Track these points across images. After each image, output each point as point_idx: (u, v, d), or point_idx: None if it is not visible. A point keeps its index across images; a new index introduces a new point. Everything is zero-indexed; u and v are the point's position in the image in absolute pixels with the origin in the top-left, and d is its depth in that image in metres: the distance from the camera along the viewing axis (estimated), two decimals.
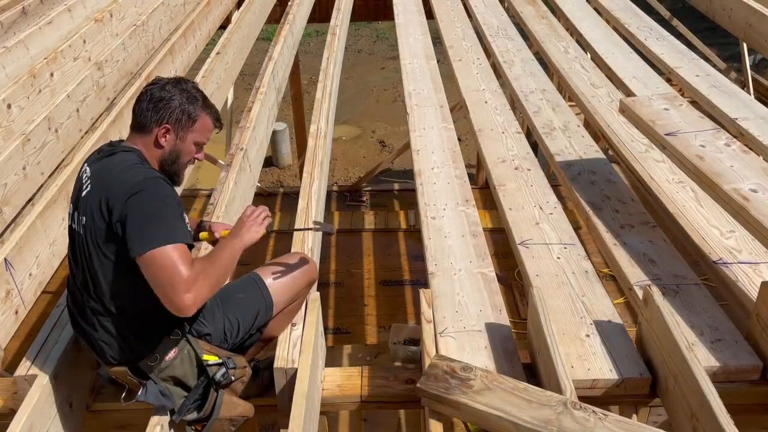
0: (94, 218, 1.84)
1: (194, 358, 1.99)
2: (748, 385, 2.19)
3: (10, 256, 2.51)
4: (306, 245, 2.70)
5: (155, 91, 1.94)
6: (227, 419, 2.04)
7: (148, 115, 1.93)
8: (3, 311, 2.45)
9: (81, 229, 1.88)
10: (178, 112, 1.93)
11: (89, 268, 1.90)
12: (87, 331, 2.01)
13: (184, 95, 1.95)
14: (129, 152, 1.94)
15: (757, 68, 8.74)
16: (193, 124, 1.97)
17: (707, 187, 2.55)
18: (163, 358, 1.94)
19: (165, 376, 1.97)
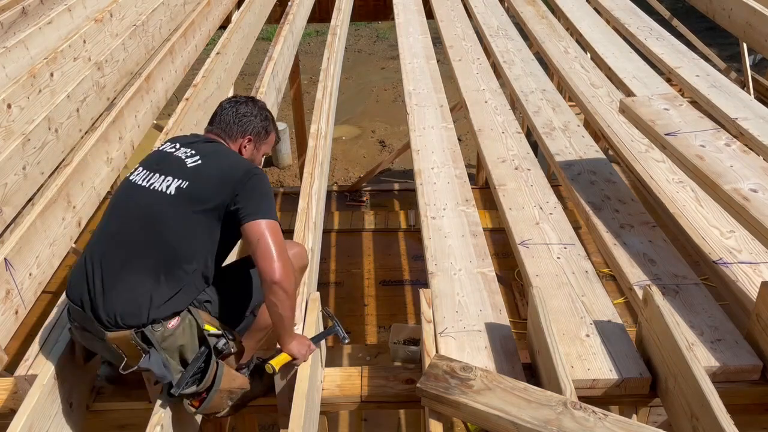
0: (200, 185, 2.04)
1: (195, 328, 2.01)
2: (748, 385, 2.19)
3: (10, 256, 2.51)
4: (306, 245, 2.70)
5: (240, 107, 2.27)
6: (226, 391, 2.06)
7: (234, 127, 2.24)
8: (3, 311, 2.45)
9: (170, 190, 2.04)
10: (259, 127, 2.27)
11: (159, 224, 2.00)
12: (102, 290, 1.98)
13: (262, 113, 2.30)
14: (230, 148, 2.23)
15: (757, 68, 8.74)
16: (267, 138, 2.32)
17: (707, 187, 2.55)
18: (166, 326, 1.97)
19: (166, 346, 1.97)
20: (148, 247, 2.00)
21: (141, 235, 2.01)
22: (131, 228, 2.03)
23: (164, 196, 2.04)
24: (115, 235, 2.06)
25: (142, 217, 2.04)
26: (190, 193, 2.03)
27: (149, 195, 2.05)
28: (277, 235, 1.99)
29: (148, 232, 2.01)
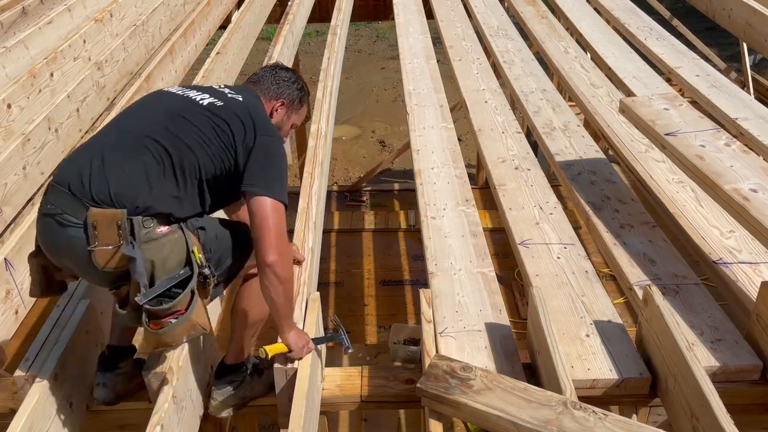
0: (230, 111, 2.05)
1: (183, 247, 1.96)
2: (748, 385, 2.19)
3: (10, 256, 2.51)
4: (306, 245, 2.70)
5: (280, 72, 2.29)
6: (191, 325, 1.95)
7: (271, 87, 2.25)
8: (3, 311, 2.45)
9: (203, 101, 2.07)
10: (294, 95, 2.28)
11: (183, 121, 1.99)
12: (100, 168, 1.90)
13: (300, 83, 2.31)
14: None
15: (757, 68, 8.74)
16: (299, 109, 2.31)
17: (707, 187, 2.55)
18: (156, 228, 1.91)
19: (146, 249, 1.89)
20: (164, 138, 1.96)
21: (160, 125, 1.99)
22: (153, 117, 2.02)
23: (196, 103, 2.06)
24: (131, 121, 2.05)
25: (167, 111, 2.04)
26: (220, 113, 2.04)
27: (181, 98, 2.09)
28: (280, 219, 1.98)
29: (169, 124, 1.99)
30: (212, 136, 2.00)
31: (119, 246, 1.85)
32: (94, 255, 1.86)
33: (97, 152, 1.95)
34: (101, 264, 1.87)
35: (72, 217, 1.87)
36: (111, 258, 1.87)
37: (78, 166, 1.93)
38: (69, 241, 1.89)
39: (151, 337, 1.91)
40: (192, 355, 2.28)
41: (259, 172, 2.01)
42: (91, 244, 1.85)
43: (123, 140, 1.97)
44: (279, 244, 1.95)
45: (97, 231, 1.85)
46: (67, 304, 2.36)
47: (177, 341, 1.97)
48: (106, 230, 1.85)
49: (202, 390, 2.35)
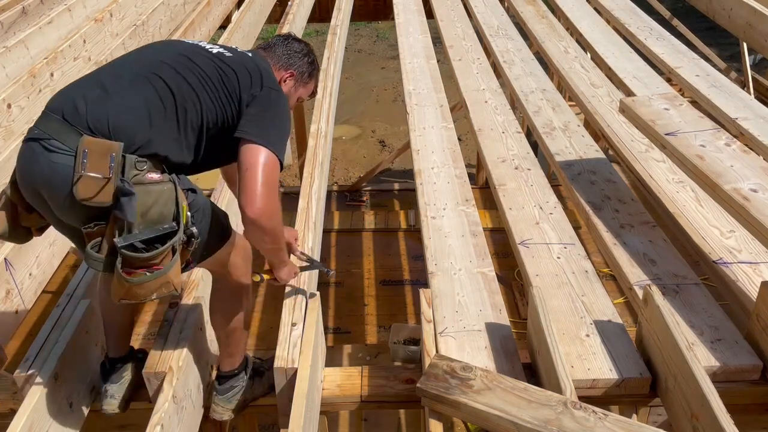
0: (236, 63, 2.01)
1: (173, 199, 1.82)
2: (748, 385, 2.19)
3: (10, 256, 2.52)
4: (306, 245, 2.70)
5: (293, 43, 2.25)
6: (164, 282, 1.80)
7: (282, 57, 2.20)
8: (3, 311, 2.45)
9: (213, 49, 2.04)
10: (304, 67, 2.23)
11: (188, 62, 1.94)
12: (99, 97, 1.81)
13: (311, 56, 2.27)
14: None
15: (757, 68, 8.74)
16: (308, 82, 2.27)
17: (707, 187, 2.55)
18: (147, 173, 1.79)
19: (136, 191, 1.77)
20: (169, 78, 1.88)
21: (166, 65, 1.92)
22: (160, 56, 1.95)
23: (205, 50, 2.03)
24: (136, 58, 1.99)
25: (175, 52, 1.98)
26: (228, 61, 2.00)
27: (191, 44, 2.06)
28: (271, 171, 1.89)
29: (176, 65, 1.92)
30: (217, 81, 1.95)
31: (108, 179, 1.72)
32: (79, 184, 1.72)
33: (98, 83, 1.86)
34: (84, 195, 1.72)
35: (60, 143, 1.75)
36: (98, 191, 1.73)
37: (74, 94, 1.83)
38: (51, 168, 1.75)
39: (122, 286, 1.77)
40: (192, 355, 2.28)
41: (258, 120, 1.94)
42: (78, 170, 1.72)
43: (126, 74, 1.89)
44: (266, 195, 1.85)
45: (87, 159, 1.72)
46: (67, 304, 2.36)
47: (147, 295, 1.81)
48: (98, 160, 1.73)
49: (202, 390, 2.36)
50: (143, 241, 1.76)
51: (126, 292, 1.78)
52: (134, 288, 1.77)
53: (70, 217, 1.84)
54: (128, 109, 1.81)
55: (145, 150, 1.80)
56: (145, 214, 1.78)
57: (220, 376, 2.30)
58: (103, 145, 1.74)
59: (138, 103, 1.82)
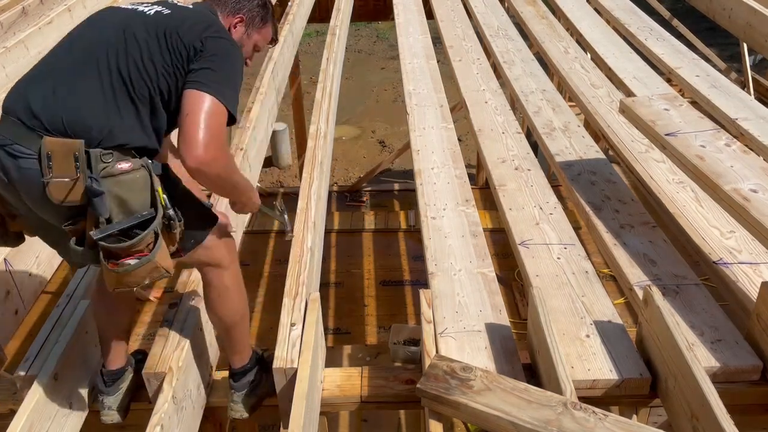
0: (178, 20, 1.90)
1: (148, 185, 1.79)
2: (748, 386, 2.19)
3: (10, 256, 2.52)
4: (306, 245, 2.70)
5: None
6: (153, 267, 1.79)
7: (229, 2, 2.07)
8: (3, 311, 2.45)
9: (150, 11, 1.93)
10: (255, 10, 2.10)
11: (130, 36, 1.85)
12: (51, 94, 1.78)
13: (263, 0, 2.12)
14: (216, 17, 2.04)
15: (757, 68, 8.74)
16: (262, 27, 2.14)
17: (707, 187, 2.54)
18: (116, 164, 1.76)
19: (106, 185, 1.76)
20: (114, 58, 1.81)
21: (109, 44, 1.83)
22: (101, 36, 1.86)
23: (144, 14, 1.91)
24: (78, 42, 1.89)
25: (115, 28, 1.87)
26: (168, 21, 1.88)
27: (129, 13, 1.93)
28: (215, 118, 1.77)
29: (118, 43, 1.83)
30: (163, 49, 1.84)
31: (77, 179, 1.71)
32: (49, 188, 1.71)
33: (46, 77, 1.82)
34: (57, 198, 1.72)
35: (23, 147, 1.73)
36: (69, 192, 1.72)
37: (27, 92, 1.80)
38: (21, 174, 1.75)
39: (111, 276, 1.77)
40: (192, 355, 2.28)
41: (202, 68, 1.82)
42: (45, 175, 1.71)
43: (72, 63, 1.83)
44: (207, 142, 1.74)
45: (52, 162, 1.71)
46: (67, 304, 2.36)
47: (139, 282, 1.81)
48: (63, 161, 1.71)
49: (202, 390, 2.36)
50: (123, 230, 1.75)
51: (117, 281, 1.78)
52: (123, 276, 1.76)
53: (50, 215, 1.84)
54: (80, 102, 1.77)
55: (107, 143, 1.76)
56: (123, 203, 1.76)
57: (235, 374, 2.29)
58: (65, 145, 1.72)
59: (89, 94, 1.78)
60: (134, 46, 1.83)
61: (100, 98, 1.78)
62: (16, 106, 1.79)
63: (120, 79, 1.80)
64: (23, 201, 1.83)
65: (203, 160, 1.75)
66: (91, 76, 1.80)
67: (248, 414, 2.29)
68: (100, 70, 1.80)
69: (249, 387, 2.29)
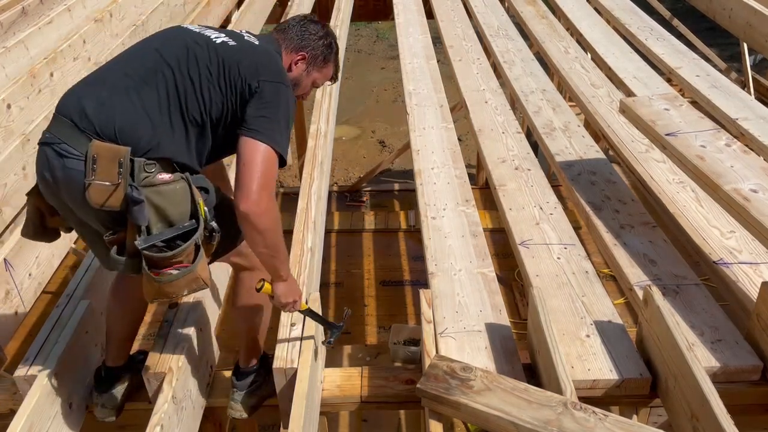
0: (241, 53, 1.95)
1: (188, 197, 1.84)
2: (748, 386, 2.18)
3: (10, 256, 2.52)
4: (306, 244, 2.69)
5: (309, 24, 2.14)
6: (194, 278, 1.84)
7: (294, 38, 2.11)
8: (3, 311, 2.45)
9: (218, 39, 1.98)
10: (318, 50, 2.13)
11: (193, 57, 1.90)
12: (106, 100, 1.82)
13: (327, 39, 2.15)
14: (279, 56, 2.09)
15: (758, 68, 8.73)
16: (323, 66, 2.16)
17: (708, 187, 2.54)
18: (157, 174, 1.80)
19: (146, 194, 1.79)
20: (172, 76, 1.87)
21: (170, 62, 1.88)
22: (164, 53, 1.91)
23: (210, 41, 1.96)
24: (140, 55, 1.94)
25: (180, 47, 1.92)
26: (231, 53, 1.94)
27: (197, 35, 1.98)
28: (268, 169, 1.85)
29: (180, 62, 1.89)
30: (220, 75, 1.90)
31: (117, 185, 1.75)
32: (90, 191, 1.75)
33: (103, 83, 1.87)
34: (96, 201, 1.76)
35: (71, 147, 1.78)
36: (108, 197, 1.76)
37: (82, 96, 1.85)
38: (65, 174, 1.79)
39: (152, 286, 1.81)
40: (192, 355, 2.28)
41: (258, 115, 1.89)
42: (88, 177, 1.75)
43: (131, 73, 1.88)
44: (258, 192, 1.81)
45: (96, 165, 1.75)
46: (67, 304, 2.36)
47: (178, 293, 1.86)
48: (107, 165, 1.75)
49: (202, 390, 2.35)
50: (165, 240, 1.79)
51: (157, 291, 1.82)
52: (164, 287, 1.80)
53: (89, 218, 1.88)
54: (133, 112, 1.81)
55: (153, 154, 1.81)
56: (162, 213, 1.80)
57: (240, 372, 2.30)
58: (112, 150, 1.76)
59: (142, 105, 1.83)
60: (195, 69, 1.89)
61: (155, 111, 1.84)
62: (70, 108, 1.83)
63: (176, 98, 1.86)
64: (64, 201, 1.86)
65: (255, 209, 1.82)
66: (149, 89, 1.85)
67: (248, 414, 2.29)
68: (159, 86, 1.86)
69: (250, 387, 2.29)
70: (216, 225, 1.89)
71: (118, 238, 1.83)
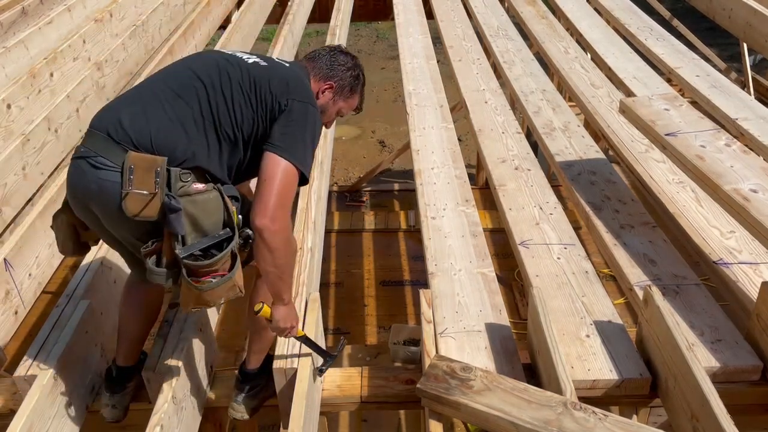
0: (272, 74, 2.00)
1: (221, 206, 1.87)
2: (748, 386, 2.18)
3: (10, 256, 2.51)
4: (306, 244, 2.69)
5: (339, 55, 2.19)
6: (231, 286, 1.86)
7: (324, 68, 2.15)
8: (3, 311, 2.45)
9: (250, 59, 2.04)
10: (346, 81, 2.17)
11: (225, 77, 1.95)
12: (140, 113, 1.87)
13: (355, 71, 2.20)
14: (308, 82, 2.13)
15: (757, 68, 8.73)
16: (349, 97, 2.21)
17: (707, 187, 2.54)
18: (192, 184, 1.84)
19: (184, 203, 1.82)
20: (207, 92, 1.92)
21: (204, 80, 1.94)
22: (198, 71, 1.97)
23: (242, 60, 2.02)
24: (175, 74, 2.00)
25: (213, 66, 1.98)
26: (262, 72, 1.99)
27: (229, 56, 2.05)
28: (287, 185, 1.88)
29: (213, 79, 1.94)
30: (251, 92, 1.95)
31: (155, 194, 1.78)
32: (126, 201, 1.78)
33: (138, 99, 1.92)
34: (132, 211, 1.79)
35: (107, 159, 1.82)
36: (145, 206, 1.79)
37: (117, 111, 1.89)
38: (100, 185, 1.82)
39: (191, 294, 1.83)
40: (192, 355, 2.28)
41: (283, 133, 1.92)
42: (125, 187, 1.78)
43: (165, 89, 1.93)
44: (275, 209, 1.84)
45: (133, 175, 1.78)
46: (67, 304, 2.36)
47: (216, 301, 1.88)
48: (144, 175, 1.78)
49: (202, 390, 2.35)
50: (201, 249, 1.82)
51: (197, 300, 1.85)
52: (204, 295, 1.83)
53: (121, 231, 1.92)
54: (168, 123, 1.86)
55: (189, 164, 1.85)
56: (196, 223, 1.84)
57: (246, 374, 2.29)
58: (148, 160, 1.80)
59: (176, 118, 1.88)
60: (227, 86, 1.94)
61: (190, 124, 1.88)
62: (105, 122, 1.87)
63: (209, 113, 1.91)
64: (95, 214, 1.90)
65: (270, 225, 1.84)
66: (183, 102, 1.90)
67: (249, 416, 2.29)
68: (192, 100, 1.91)
69: (254, 389, 2.28)
70: (251, 231, 1.91)
71: (155, 249, 1.86)
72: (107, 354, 2.39)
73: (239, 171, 2.04)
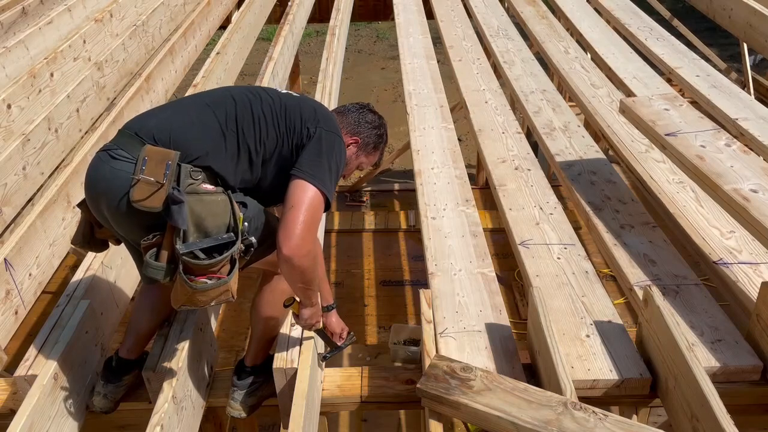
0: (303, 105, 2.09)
1: (228, 210, 1.89)
2: (748, 386, 2.19)
3: (10, 256, 2.51)
4: None
5: (368, 114, 2.30)
6: (224, 290, 1.87)
7: (352, 123, 2.24)
8: (3, 311, 2.45)
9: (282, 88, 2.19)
10: (371, 138, 2.27)
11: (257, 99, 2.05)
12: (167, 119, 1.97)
13: (381, 130, 2.31)
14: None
15: (758, 68, 8.74)
16: (372, 153, 2.31)
17: (707, 187, 2.54)
18: (201, 183, 1.89)
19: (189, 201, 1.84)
20: (235, 108, 2.00)
21: (234, 99, 2.03)
22: (229, 92, 2.08)
23: (276, 91, 2.15)
24: (205, 93, 2.14)
25: (244, 90, 2.10)
26: (293, 100, 2.09)
27: (262, 87, 2.17)
28: (314, 210, 1.92)
29: (243, 99, 2.03)
30: (280, 116, 2.02)
31: (162, 185, 1.81)
32: (134, 188, 1.82)
33: (170, 107, 2.05)
34: (137, 198, 1.82)
35: (124, 151, 1.90)
36: (150, 195, 1.82)
37: (149, 116, 2.02)
38: (112, 173, 1.88)
39: (184, 291, 1.83)
40: (192, 355, 2.28)
41: (311, 159, 1.98)
42: (136, 174, 1.83)
43: (198, 102, 2.05)
44: (302, 236, 1.87)
45: (145, 165, 1.84)
46: (67, 304, 2.36)
47: (206, 303, 1.88)
48: (155, 166, 1.84)
49: (202, 390, 2.35)
50: (202, 250, 1.84)
51: (188, 299, 1.85)
52: (196, 294, 1.84)
53: (124, 226, 1.94)
54: (190, 124, 1.95)
55: (201, 162, 1.90)
56: (200, 222, 1.85)
57: (243, 370, 2.30)
58: (162, 153, 1.86)
59: (200, 121, 1.96)
60: (258, 106, 2.03)
61: (213, 127, 1.96)
62: (137, 124, 1.98)
63: (234, 123, 1.98)
64: (102, 210, 1.94)
65: (297, 252, 1.87)
66: (211, 112, 1.99)
67: (246, 414, 2.29)
68: (220, 111, 2.00)
69: (251, 387, 2.28)
70: (254, 240, 1.94)
71: (155, 242, 1.87)
72: (107, 354, 2.39)
73: (258, 194, 2.07)
